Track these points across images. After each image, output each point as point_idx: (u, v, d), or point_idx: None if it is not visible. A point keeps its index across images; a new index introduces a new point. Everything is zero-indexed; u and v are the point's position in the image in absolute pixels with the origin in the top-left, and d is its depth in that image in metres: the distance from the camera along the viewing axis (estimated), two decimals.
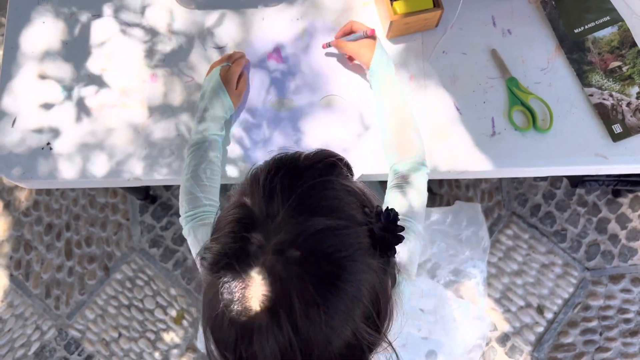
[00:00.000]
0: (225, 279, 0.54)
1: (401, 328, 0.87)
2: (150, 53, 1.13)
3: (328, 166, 0.61)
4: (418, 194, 0.91)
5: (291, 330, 0.52)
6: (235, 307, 0.53)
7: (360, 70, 1.09)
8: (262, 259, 0.53)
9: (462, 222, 1.60)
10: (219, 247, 0.56)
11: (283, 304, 0.52)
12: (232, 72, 1.04)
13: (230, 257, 0.54)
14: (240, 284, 0.53)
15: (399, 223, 0.58)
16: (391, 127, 0.98)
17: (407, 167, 0.93)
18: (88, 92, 1.12)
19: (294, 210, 0.55)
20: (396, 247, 0.59)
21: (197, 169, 0.96)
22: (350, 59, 1.09)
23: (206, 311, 0.57)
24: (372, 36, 1.03)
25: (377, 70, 1.01)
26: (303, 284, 0.52)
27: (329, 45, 1.10)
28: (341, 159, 0.63)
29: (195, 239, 0.90)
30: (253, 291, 0.53)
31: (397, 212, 0.58)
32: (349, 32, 1.06)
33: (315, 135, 1.07)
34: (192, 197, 0.94)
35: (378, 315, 0.56)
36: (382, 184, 1.30)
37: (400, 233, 0.57)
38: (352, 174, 0.65)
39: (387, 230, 0.57)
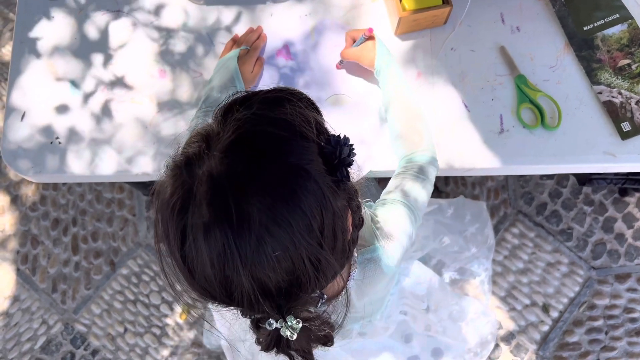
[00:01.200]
0: (177, 177, 0.56)
1: (387, 304, 0.87)
2: (158, 48, 1.14)
3: (283, 97, 0.61)
4: (424, 185, 0.90)
5: (229, 230, 0.52)
6: (181, 203, 0.54)
7: (369, 73, 1.09)
8: (211, 159, 0.54)
9: (465, 217, 1.59)
10: (180, 154, 0.58)
11: (221, 205, 0.52)
12: (250, 57, 1.05)
13: (189, 158, 0.56)
14: (189, 181, 0.54)
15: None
16: (401, 121, 0.98)
17: (421, 159, 0.93)
18: (96, 87, 1.12)
19: (243, 124, 0.56)
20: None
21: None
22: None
23: (157, 205, 0.58)
24: (371, 36, 1.03)
25: (382, 69, 1.01)
26: (247, 184, 0.52)
27: (342, 62, 1.10)
28: (299, 93, 0.63)
29: None
30: (198, 189, 0.53)
31: (348, 137, 0.60)
32: (351, 43, 1.06)
33: None
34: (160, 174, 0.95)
35: (321, 231, 0.56)
36: (381, 183, 1.34)
37: (352, 158, 0.59)
38: (315, 108, 0.65)
39: (337, 152, 0.58)
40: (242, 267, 0.53)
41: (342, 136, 0.61)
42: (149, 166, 1.08)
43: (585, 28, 1.10)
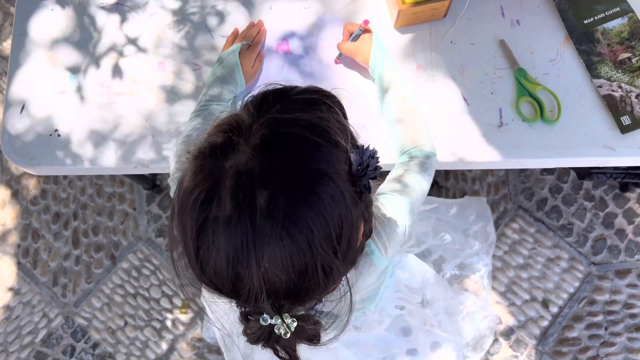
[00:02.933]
0: (203, 167, 0.55)
1: (381, 295, 0.87)
2: (158, 40, 1.14)
3: (319, 100, 0.61)
4: (423, 179, 0.90)
5: (250, 227, 0.52)
6: (205, 194, 0.54)
7: (365, 68, 1.08)
8: (241, 154, 0.54)
9: (470, 216, 1.59)
10: (204, 141, 0.57)
11: (246, 202, 0.52)
12: (251, 52, 1.05)
13: (213, 149, 0.55)
14: (215, 173, 0.54)
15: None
16: (397, 117, 0.98)
17: (420, 153, 0.93)
18: (96, 80, 1.12)
19: (278, 123, 0.56)
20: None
21: (191, 135, 0.97)
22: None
23: (178, 194, 0.58)
24: (367, 29, 1.03)
25: (376, 67, 1.01)
26: (274, 186, 0.52)
27: (340, 56, 1.09)
28: (333, 97, 0.63)
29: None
30: (224, 183, 0.53)
31: (375, 150, 0.60)
32: (348, 36, 1.06)
33: None
34: (182, 160, 0.95)
35: (338, 240, 0.56)
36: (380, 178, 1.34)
37: (377, 172, 0.59)
38: (344, 114, 0.65)
39: (364, 164, 0.58)
40: (256, 266, 0.53)
41: (370, 148, 0.60)
42: (148, 158, 1.08)
43: (585, 21, 1.09)
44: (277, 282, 0.54)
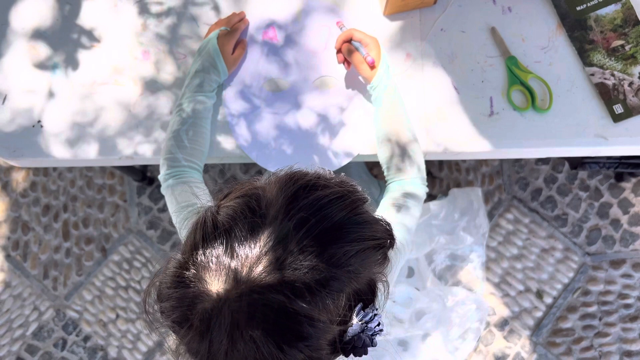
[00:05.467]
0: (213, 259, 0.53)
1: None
2: (142, 30, 1.11)
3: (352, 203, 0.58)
4: (415, 210, 0.91)
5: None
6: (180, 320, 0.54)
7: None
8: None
9: (454, 215, 1.58)
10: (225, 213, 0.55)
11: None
12: (230, 38, 1.02)
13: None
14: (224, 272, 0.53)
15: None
16: (391, 146, 0.95)
17: (410, 186, 0.92)
18: (79, 70, 1.10)
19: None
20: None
21: (179, 130, 0.95)
22: (348, 63, 1.03)
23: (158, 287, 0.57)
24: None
25: (378, 85, 0.98)
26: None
27: (342, 28, 1.04)
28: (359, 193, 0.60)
29: (173, 196, 0.90)
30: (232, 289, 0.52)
31: (381, 322, 0.57)
32: (348, 40, 1.00)
33: (309, 116, 1.05)
34: (170, 157, 0.94)
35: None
36: (373, 170, 1.36)
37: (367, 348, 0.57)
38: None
39: (355, 342, 0.56)
40: None
41: (373, 325, 0.57)
42: (132, 149, 1.06)
43: (578, 8, 1.07)
44: None
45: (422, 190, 0.94)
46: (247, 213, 0.54)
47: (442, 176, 1.75)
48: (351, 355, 0.57)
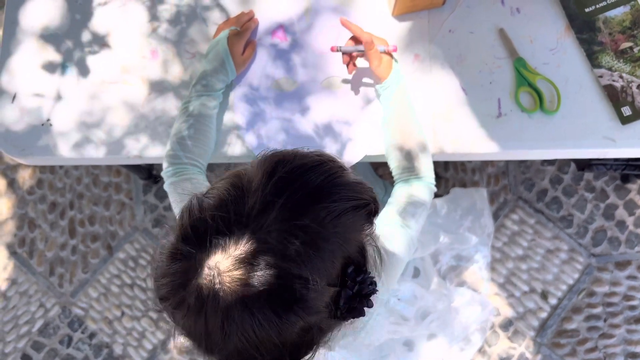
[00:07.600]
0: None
1: (373, 324, 0.87)
2: (151, 29, 1.12)
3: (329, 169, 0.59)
4: (422, 213, 0.91)
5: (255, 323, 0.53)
6: (205, 281, 0.54)
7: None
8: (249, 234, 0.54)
9: (456, 213, 1.57)
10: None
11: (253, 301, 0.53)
12: (240, 38, 1.02)
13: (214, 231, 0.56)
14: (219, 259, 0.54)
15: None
16: (400, 148, 0.95)
17: (417, 190, 0.92)
18: (88, 69, 1.10)
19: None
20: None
21: (182, 128, 0.96)
22: (352, 65, 1.02)
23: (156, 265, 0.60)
24: (389, 52, 0.99)
25: (390, 89, 0.98)
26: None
27: (338, 48, 1.01)
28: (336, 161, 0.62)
29: (176, 192, 0.91)
30: (225, 275, 0.53)
31: (373, 287, 0.59)
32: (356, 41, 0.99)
33: (317, 116, 1.05)
34: (172, 154, 0.95)
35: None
36: (378, 170, 1.38)
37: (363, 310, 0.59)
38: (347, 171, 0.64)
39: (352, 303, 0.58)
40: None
41: (366, 285, 0.59)
42: (140, 148, 1.06)
43: (587, 10, 1.07)
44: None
45: (428, 194, 0.93)
46: (231, 190, 0.57)
47: (448, 176, 1.76)
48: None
